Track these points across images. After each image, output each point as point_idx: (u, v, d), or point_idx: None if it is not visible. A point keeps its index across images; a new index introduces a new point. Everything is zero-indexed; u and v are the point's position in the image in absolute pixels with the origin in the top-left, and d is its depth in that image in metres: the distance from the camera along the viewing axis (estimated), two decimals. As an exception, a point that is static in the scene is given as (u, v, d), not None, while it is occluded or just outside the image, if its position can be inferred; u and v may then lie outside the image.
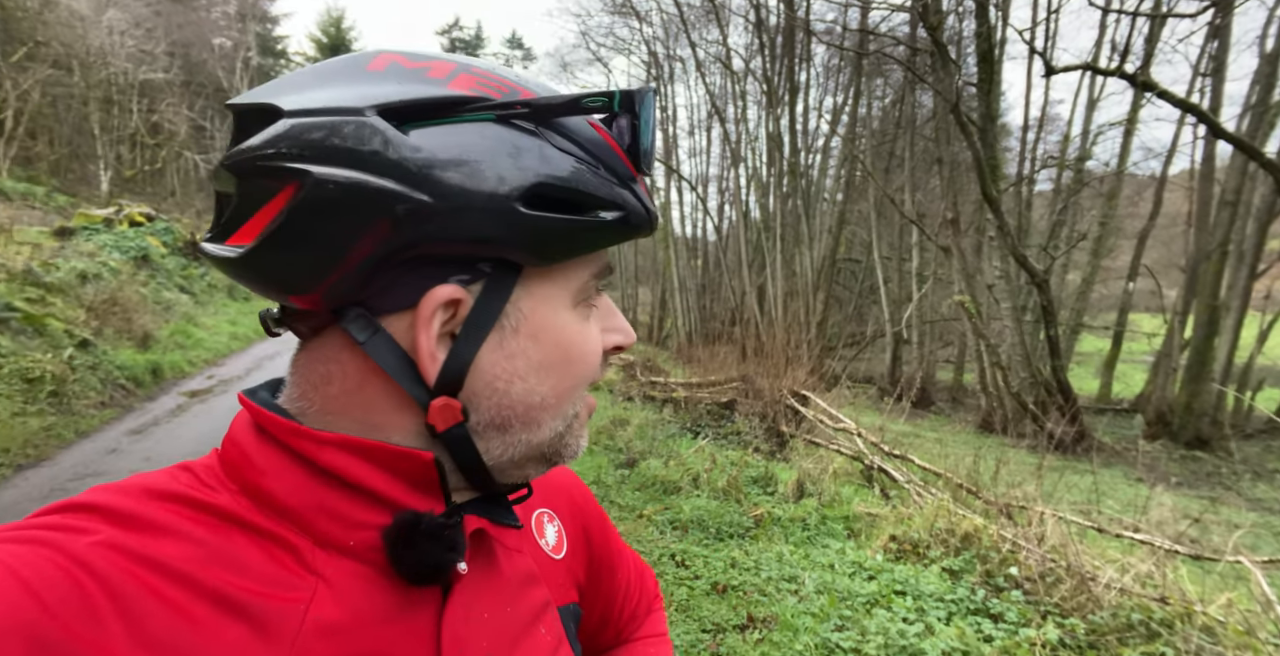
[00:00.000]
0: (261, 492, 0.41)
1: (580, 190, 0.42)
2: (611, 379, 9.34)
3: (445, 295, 0.41)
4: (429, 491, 0.43)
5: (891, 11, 14.86)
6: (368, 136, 0.39)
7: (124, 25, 22.20)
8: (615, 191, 0.44)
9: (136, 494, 0.39)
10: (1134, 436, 12.60)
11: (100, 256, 10.39)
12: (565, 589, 0.58)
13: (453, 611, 0.43)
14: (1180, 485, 8.98)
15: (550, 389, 0.45)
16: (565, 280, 0.45)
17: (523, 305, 0.43)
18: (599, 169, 0.44)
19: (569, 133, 0.44)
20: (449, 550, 0.42)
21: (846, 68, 19.86)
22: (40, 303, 7.44)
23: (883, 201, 17.89)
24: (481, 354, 0.42)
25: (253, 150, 0.40)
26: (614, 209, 0.44)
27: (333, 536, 0.41)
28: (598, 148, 0.44)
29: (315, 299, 0.41)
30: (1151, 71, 10.87)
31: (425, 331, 0.41)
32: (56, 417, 5.73)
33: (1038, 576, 3.51)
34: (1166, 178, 16.72)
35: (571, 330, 0.45)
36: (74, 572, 0.34)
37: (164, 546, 0.37)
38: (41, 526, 0.36)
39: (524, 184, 0.40)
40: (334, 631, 0.39)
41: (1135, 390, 17.14)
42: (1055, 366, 11.06)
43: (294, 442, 0.41)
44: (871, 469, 5.28)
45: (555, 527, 0.60)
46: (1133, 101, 14.79)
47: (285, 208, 0.39)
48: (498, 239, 0.40)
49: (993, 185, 9.93)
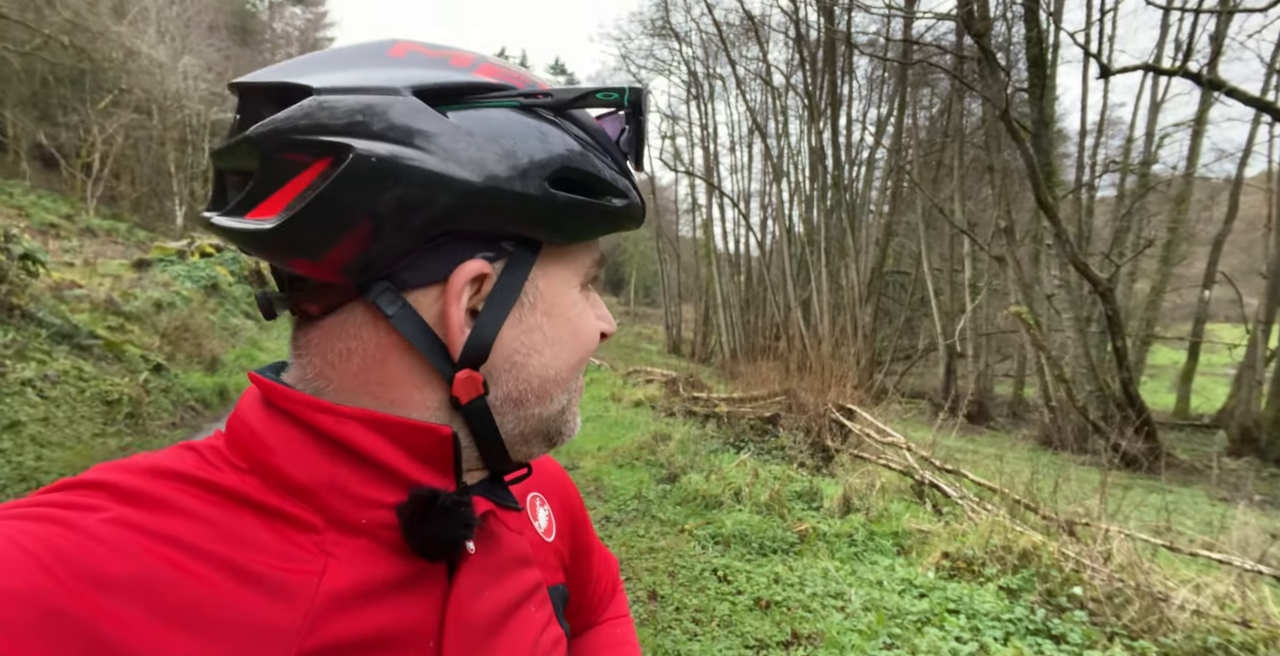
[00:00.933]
0: (271, 470, 0.41)
1: (597, 175, 0.45)
2: (653, 395, 9.32)
3: (475, 270, 0.43)
4: (442, 469, 0.44)
5: (936, 20, 14.67)
6: (408, 114, 0.40)
7: (197, 70, 23.86)
8: (621, 181, 0.47)
9: (142, 472, 0.40)
10: (1215, 453, 11.77)
11: (174, 286, 11.06)
12: (554, 570, 0.59)
13: (459, 589, 0.44)
14: (1267, 504, 8.32)
15: (563, 363, 0.48)
16: (575, 262, 0.48)
17: (540, 283, 0.46)
18: (606, 158, 0.47)
19: (582, 123, 0.47)
20: (463, 526, 0.43)
21: (890, 78, 19.64)
22: (120, 330, 7.96)
23: (931, 212, 17.47)
24: (504, 328, 0.44)
25: (285, 124, 0.40)
26: (621, 196, 0.47)
27: (344, 514, 0.41)
28: (604, 139, 0.48)
29: (342, 272, 0.42)
30: (1220, 69, 10.36)
31: (455, 305, 0.42)
32: (133, 437, 6.08)
33: (1104, 596, 3.30)
34: (1243, 179, 15.80)
35: (579, 309, 0.49)
36: (86, 545, 0.34)
37: (174, 523, 0.37)
38: (49, 504, 0.36)
39: (553, 166, 0.43)
40: (348, 601, 0.40)
41: (1216, 404, 16.06)
42: (1124, 379, 10.48)
43: (311, 417, 0.42)
44: (922, 484, 5.10)
45: (546, 511, 0.62)
46: (1200, 101, 14.12)
47: (322, 181, 0.39)
48: (526, 217, 0.43)
49: (1048, 191, 9.59)
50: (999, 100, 9.45)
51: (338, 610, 0.39)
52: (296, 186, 0.40)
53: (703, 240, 27.90)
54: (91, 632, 0.32)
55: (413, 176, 0.40)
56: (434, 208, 0.40)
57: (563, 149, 0.44)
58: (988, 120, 13.69)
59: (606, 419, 8.12)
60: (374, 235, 0.40)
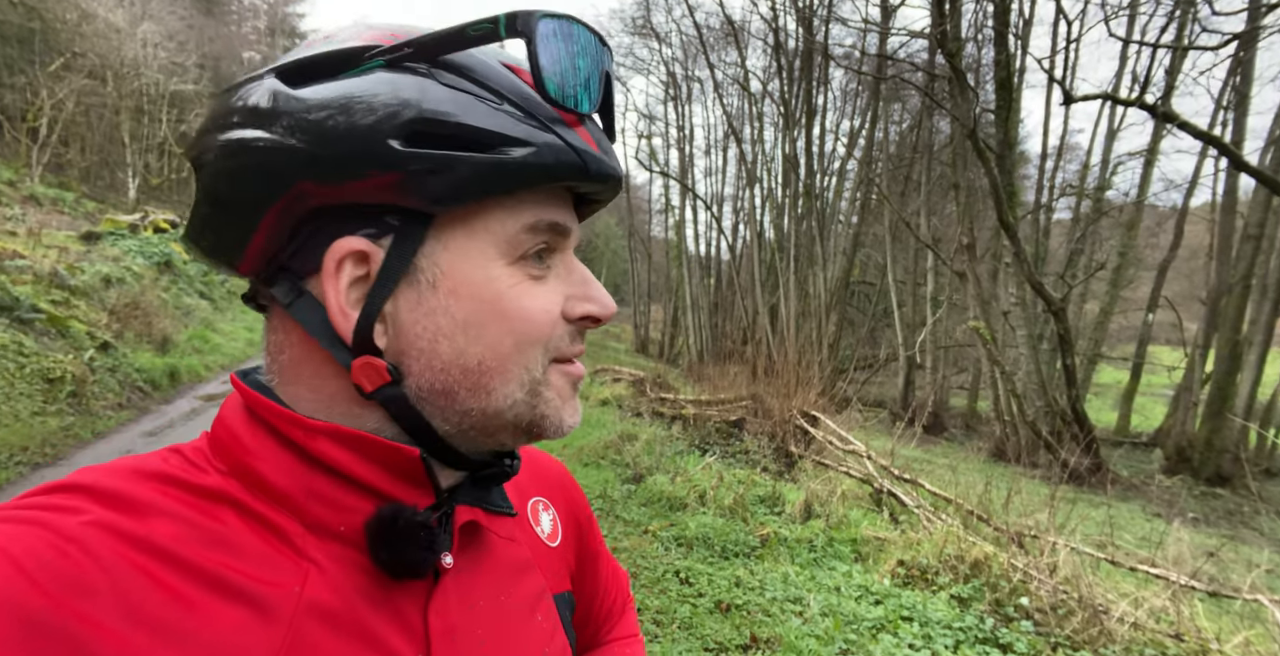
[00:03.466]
0: (252, 474, 0.41)
1: (468, 124, 0.40)
2: (621, 394, 9.33)
3: (347, 247, 0.40)
4: (416, 483, 0.43)
5: (910, 37, 15.02)
6: (262, 96, 0.40)
7: (158, 38, 22.89)
8: (525, 129, 0.41)
9: (125, 474, 0.39)
10: (1152, 471, 12.34)
11: (124, 261, 10.61)
12: (560, 577, 0.57)
13: (439, 602, 0.43)
14: (1198, 522, 8.77)
15: (487, 350, 0.42)
16: (487, 232, 0.42)
17: (440, 259, 0.41)
18: (501, 105, 0.41)
19: (466, 71, 0.42)
20: (425, 549, 0.41)
21: (864, 92, 20.04)
22: (65, 305, 7.59)
23: (898, 225, 17.88)
24: (400, 311, 0.41)
25: (198, 129, 0.43)
26: (522, 144, 0.40)
27: (323, 520, 0.41)
28: (504, 85, 0.42)
29: (249, 267, 0.42)
30: (1173, 103, 10.86)
31: (332, 286, 0.41)
32: (75, 418, 5.81)
33: (1049, 607, 3.44)
34: (1188, 209, 16.56)
35: (501, 285, 0.42)
36: (67, 550, 0.33)
37: (155, 526, 0.37)
38: (31, 506, 0.36)
39: (399, 120, 0.39)
40: (328, 613, 0.39)
41: (1154, 423, 16.81)
42: (1072, 396, 10.89)
43: (284, 429, 0.41)
44: (881, 492, 5.22)
45: (550, 516, 0.60)
46: (1153, 132, 14.76)
47: (201, 177, 0.41)
48: (383, 182, 0.39)
49: (1010, 212, 9.90)
50: (967, 119, 9.72)
51: (319, 624, 0.38)
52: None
53: (674, 241, 27.98)
54: (71, 640, 0.31)
55: (263, 155, 0.39)
56: (281, 185, 0.40)
57: (418, 99, 0.39)
58: (955, 138, 14.07)
59: (571, 417, 8.07)
60: (253, 224, 0.41)
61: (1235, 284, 12.03)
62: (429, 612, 0.42)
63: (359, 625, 0.40)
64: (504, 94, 0.42)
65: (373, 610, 0.40)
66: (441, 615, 0.43)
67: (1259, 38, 9.30)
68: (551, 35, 0.41)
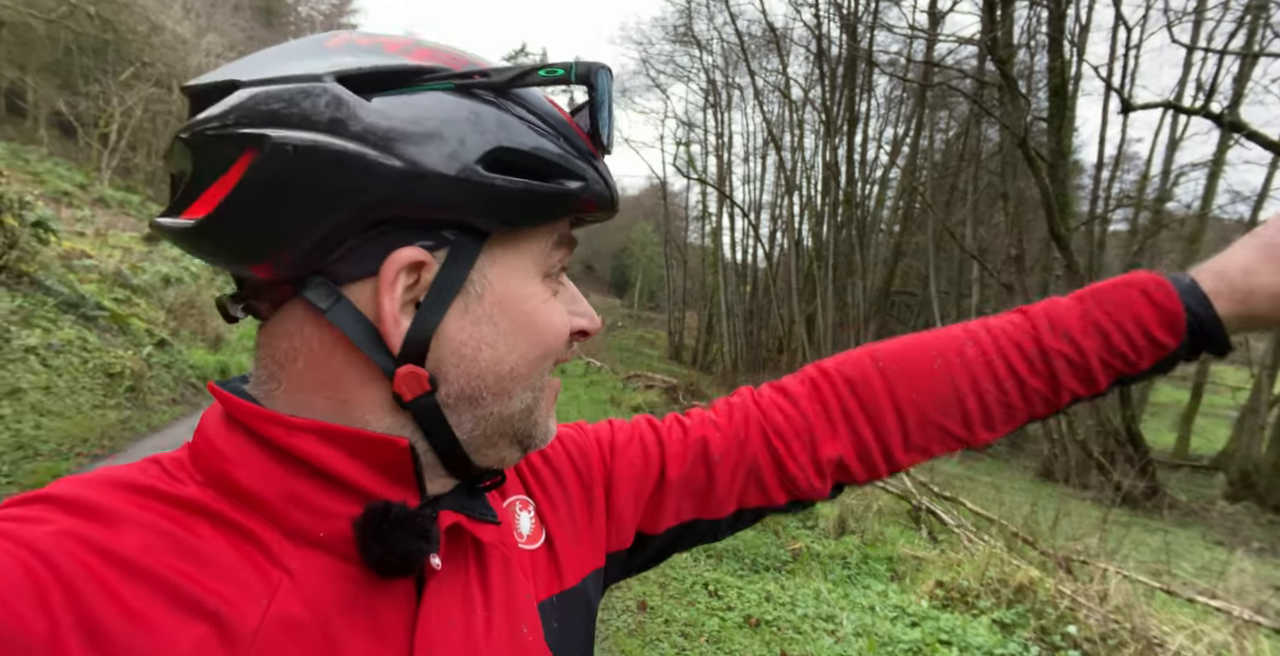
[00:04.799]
0: (228, 482, 0.40)
1: (539, 156, 0.43)
2: (653, 400, 9.31)
3: (407, 258, 0.40)
4: (403, 481, 0.43)
5: (959, 44, 14.71)
6: (327, 100, 0.39)
7: (220, 48, 23.94)
8: (575, 163, 0.44)
9: (99, 485, 0.39)
10: (1214, 496, 11.72)
11: (182, 262, 11.08)
12: (546, 580, 0.54)
13: (427, 613, 0.42)
14: (1264, 551, 8.27)
15: (520, 358, 0.45)
16: (530, 250, 0.45)
17: (488, 273, 0.43)
18: (558, 140, 0.44)
19: (527, 104, 0.44)
20: (419, 538, 0.40)
21: (909, 99, 19.68)
22: (126, 303, 7.96)
23: (942, 235, 17.47)
24: (447, 321, 0.42)
25: (209, 120, 0.40)
26: (575, 178, 0.44)
27: (302, 527, 0.40)
28: (555, 121, 0.45)
29: (276, 268, 0.41)
30: (1241, 112, 10.36)
31: (389, 296, 0.40)
32: (132, 411, 6.07)
33: (1099, 637, 3.28)
34: (1257, 223, 15.74)
35: (537, 300, 0.45)
36: (28, 561, 0.33)
37: (123, 536, 0.36)
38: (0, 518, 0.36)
39: (484, 148, 0.41)
40: (297, 626, 0.38)
41: (1216, 446, 15.96)
42: (1126, 415, 10.45)
43: (263, 429, 0.40)
44: (919, 509, 5.07)
45: (529, 515, 0.56)
46: (1219, 142, 14.12)
47: (244, 174, 0.39)
48: (459, 202, 0.41)
49: (1062, 223, 9.58)
50: (1018, 128, 9.45)
51: (285, 635, 0.37)
52: (226, 183, 0.39)
53: (711, 248, 27.91)
54: (21, 653, 0.31)
55: (333, 163, 0.38)
56: (357, 195, 0.39)
57: (497, 130, 0.42)
58: (1004, 147, 13.71)
59: (605, 423, 8.10)
60: (300, 227, 0.40)
61: (1307, 301, 11.37)
62: (418, 622, 0.42)
63: (329, 639, 0.39)
64: (558, 129, 0.45)
65: (349, 621, 0.40)
66: (424, 626, 0.42)
67: (1336, 42, 8.81)
68: (607, 88, 0.46)
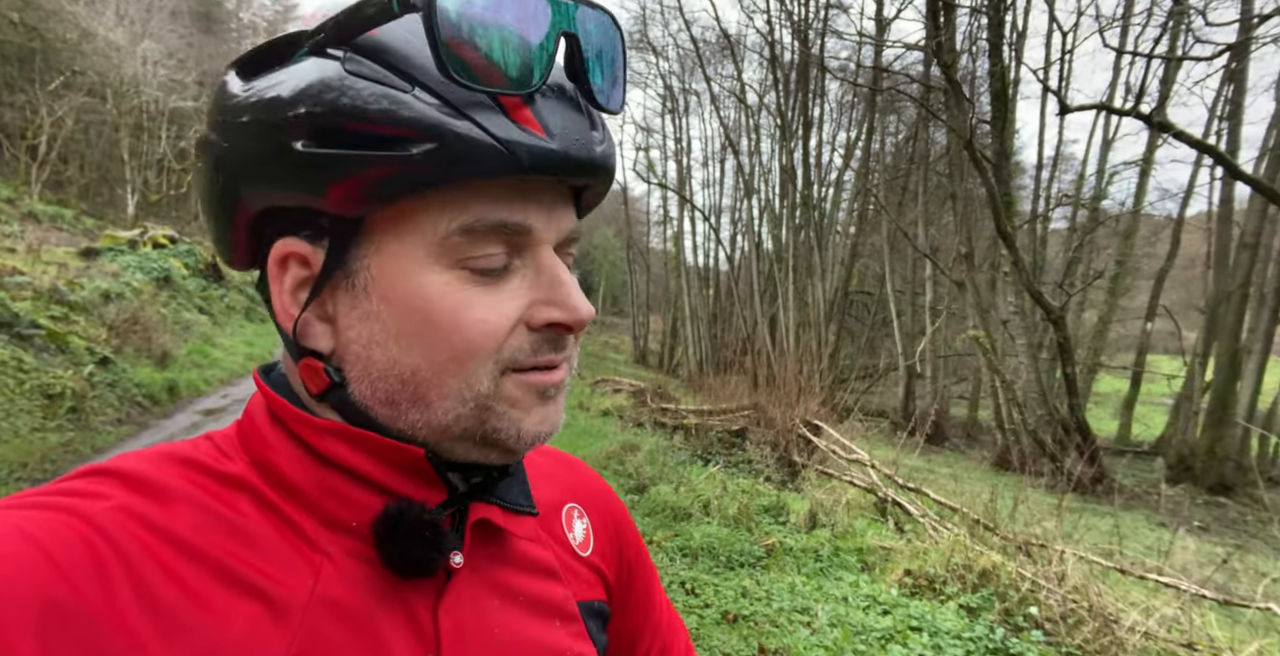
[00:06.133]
0: (271, 468, 0.41)
1: (370, 118, 0.35)
2: (622, 405, 9.30)
3: (282, 251, 0.41)
4: (426, 480, 0.43)
5: (905, 50, 15.18)
6: (218, 92, 0.41)
7: (157, 55, 23.03)
8: (436, 119, 0.36)
9: (157, 460, 0.40)
10: (1155, 479, 12.29)
11: (124, 277, 10.60)
12: (590, 586, 0.55)
13: (449, 601, 0.42)
14: (1204, 530, 8.73)
15: (422, 361, 0.39)
16: (418, 234, 0.38)
17: (372, 263, 0.39)
18: (411, 90, 0.36)
19: (381, 53, 0.37)
20: (431, 548, 0.40)
21: (860, 103, 20.19)
22: (64, 320, 7.57)
23: (896, 235, 17.95)
24: (340, 315, 0.41)
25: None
26: (426, 141, 0.35)
27: (337, 516, 0.41)
28: (419, 67, 0.37)
29: (238, 263, 0.44)
30: (1168, 113, 10.96)
31: (276, 288, 0.41)
32: (74, 433, 5.78)
33: (1059, 617, 3.40)
34: (1184, 218, 16.66)
35: (434, 292, 0.39)
36: (89, 537, 0.34)
37: (176, 514, 0.37)
38: (62, 492, 0.37)
39: (304, 119, 0.36)
40: (341, 608, 0.39)
41: (1155, 432, 16.77)
42: (1073, 405, 10.88)
43: (294, 426, 0.42)
44: (885, 501, 5.19)
45: (584, 524, 0.58)
46: (1149, 142, 14.88)
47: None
48: (291, 186, 0.38)
49: (1008, 221, 9.95)
50: (963, 130, 9.79)
51: (332, 619, 0.38)
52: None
53: (673, 252, 28.06)
54: (84, 625, 0.32)
55: (206, 157, 0.41)
56: (222, 187, 0.41)
57: (320, 93, 0.36)
58: (952, 149, 14.18)
59: (574, 427, 8.06)
60: (226, 223, 0.42)
61: (1233, 292, 12.07)
62: (439, 611, 0.42)
63: (370, 621, 0.39)
64: (417, 78, 0.36)
65: (384, 606, 0.40)
66: (452, 614, 0.42)
67: (1251, 48, 9.42)
68: (458, 6, 0.35)
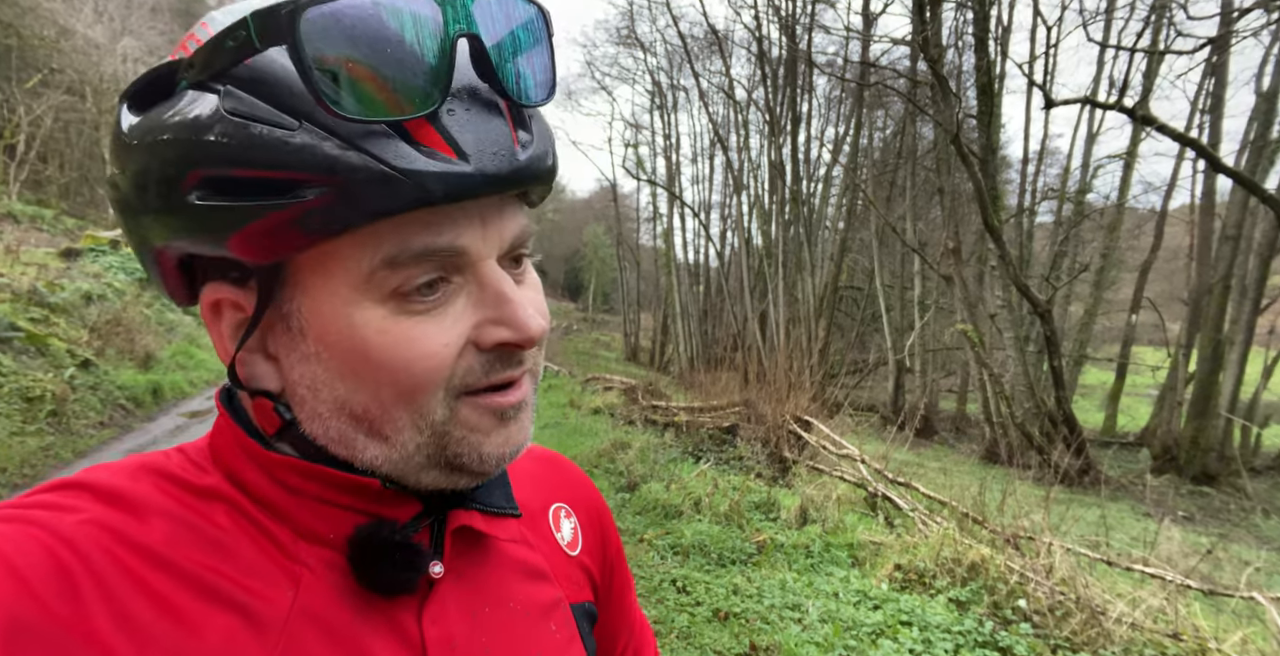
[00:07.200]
0: (244, 483, 0.41)
1: (255, 166, 0.32)
2: (612, 402, 9.29)
3: (212, 296, 0.39)
4: (396, 499, 0.42)
5: (892, 44, 15.21)
6: (113, 128, 0.38)
7: (138, 53, 22.68)
8: (324, 157, 0.32)
9: (129, 472, 0.39)
10: (1140, 470, 12.44)
11: (105, 278, 10.46)
12: (579, 586, 0.54)
13: (433, 610, 0.42)
14: (1188, 520, 8.84)
15: (369, 399, 0.38)
16: (343, 272, 0.36)
17: (302, 305, 0.37)
18: (298, 129, 0.32)
19: (263, 85, 0.33)
20: (406, 569, 0.40)
21: (848, 99, 20.22)
22: (44, 322, 7.45)
23: (884, 230, 18.02)
24: (281, 356, 0.39)
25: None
26: (319, 184, 0.32)
27: (314, 528, 0.40)
28: (305, 99, 0.32)
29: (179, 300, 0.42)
30: (1150, 106, 11.05)
31: (214, 333, 0.40)
32: (55, 437, 5.69)
33: (1047, 609, 3.43)
34: (1167, 211, 16.83)
35: (369, 332, 0.36)
36: (58, 551, 0.33)
37: (149, 527, 0.36)
38: (33, 505, 0.36)
39: (183, 163, 0.33)
40: (322, 620, 0.38)
41: (1140, 423, 16.96)
42: (1059, 398, 10.98)
43: (255, 456, 0.41)
44: (875, 496, 5.20)
45: (572, 523, 0.57)
46: (1132, 136, 15.01)
47: None
48: (192, 237, 0.36)
49: (994, 215, 10.00)
50: (950, 125, 9.83)
51: (312, 632, 0.37)
52: None
53: (663, 249, 28.06)
54: (55, 643, 0.31)
55: (118, 202, 0.39)
56: (133, 233, 0.40)
57: (206, 139, 0.33)
58: (939, 144, 14.24)
59: (565, 426, 8.04)
60: (149, 262, 0.41)
61: (1215, 284, 12.22)
62: (423, 621, 0.41)
63: (354, 633, 0.39)
64: (302, 110, 0.33)
65: (367, 618, 0.39)
66: (438, 623, 0.41)
67: (1232, 42, 9.50)
68: (329, 30, 0.31)
